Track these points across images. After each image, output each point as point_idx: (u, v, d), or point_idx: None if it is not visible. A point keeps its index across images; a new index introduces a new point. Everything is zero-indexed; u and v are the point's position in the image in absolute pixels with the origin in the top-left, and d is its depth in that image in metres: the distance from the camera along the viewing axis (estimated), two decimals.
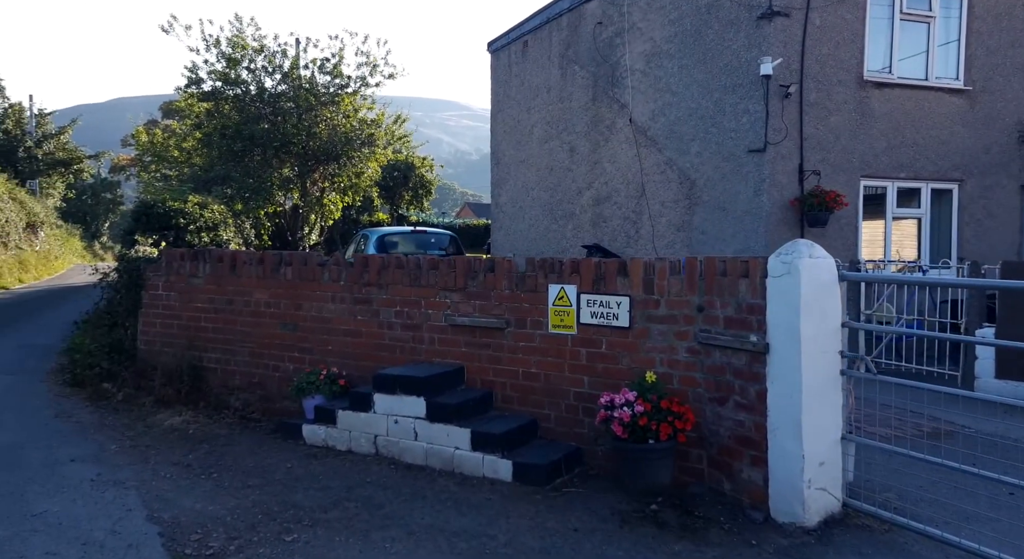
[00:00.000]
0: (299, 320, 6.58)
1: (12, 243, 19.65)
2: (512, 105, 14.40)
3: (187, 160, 18.71)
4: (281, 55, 16.99)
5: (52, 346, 10.01)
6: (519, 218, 14.30)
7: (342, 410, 5.60)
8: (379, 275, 6.06)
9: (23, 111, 28.41)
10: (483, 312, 5.47)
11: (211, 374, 7.13)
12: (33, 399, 7.09)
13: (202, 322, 7.24)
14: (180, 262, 7.43)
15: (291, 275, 6.62)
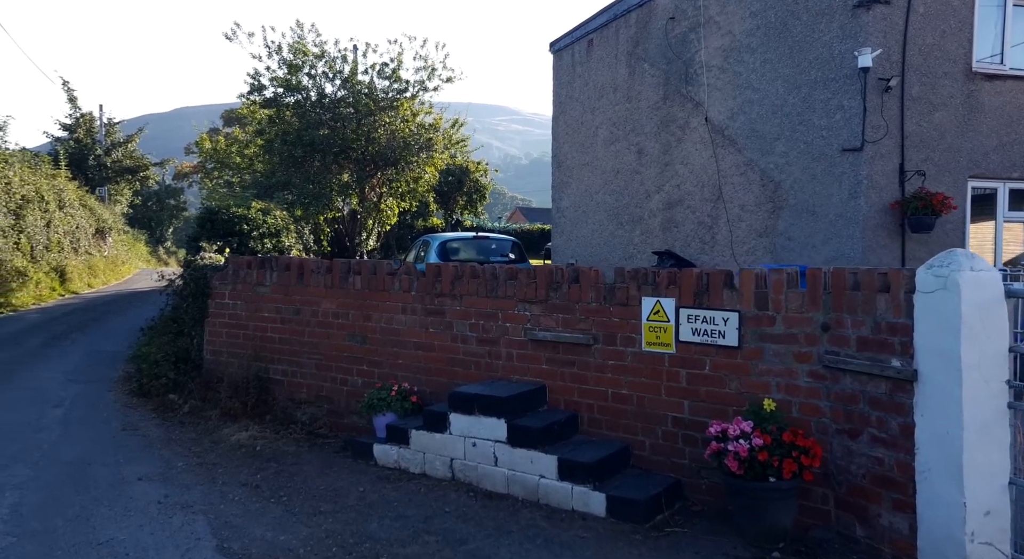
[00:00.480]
0: (368, 332, 6.29)
1: (82, 249, 20.25)
2: (575, 106, 13.96)
3: (249, 166, 18.93)
4: (341, 60, 17.00)
5: (119, 353, 10.06)
6: (581, 223, 13.84)
7: (415, 430, 5.26)
8: (452, 285, 5.72)
9: (93, 121, 29.45)
10: (567, 326, 5.05)
11: (277, 386, 6.92)
12: (101, 410, 7.01)
13: (268, 332, 7.04)
14: (247, 270, 7.26)
15: (360, 284, 6.35)
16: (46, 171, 19.06)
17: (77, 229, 19.94)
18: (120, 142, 30.30)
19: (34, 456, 5.47)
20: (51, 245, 17.70)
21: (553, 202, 15.06)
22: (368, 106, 16.73)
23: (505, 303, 5.41)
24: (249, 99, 17.49)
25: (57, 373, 8.52)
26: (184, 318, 8.34)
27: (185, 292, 7.99)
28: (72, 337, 11.20)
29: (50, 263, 17.34)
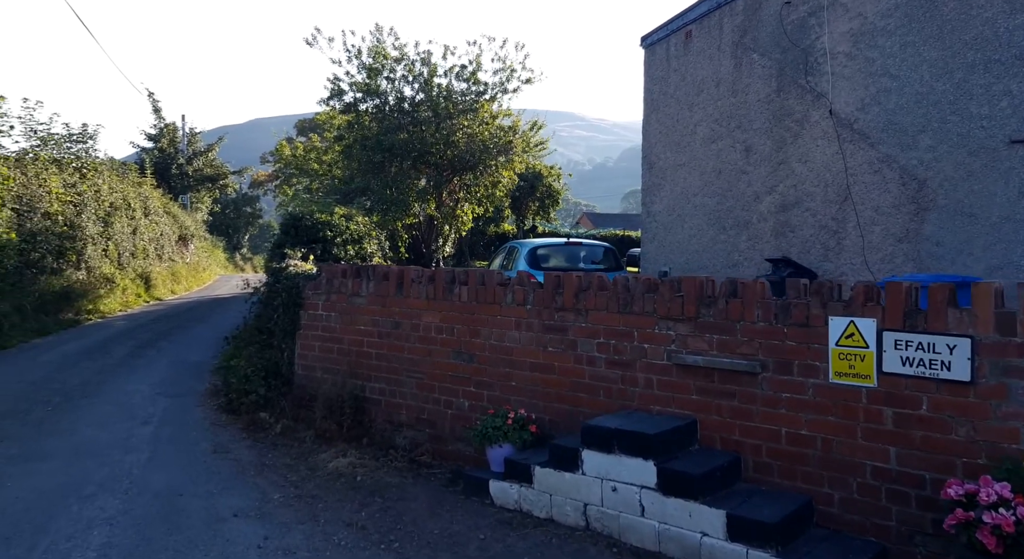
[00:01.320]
0: (476, 349, 5.65)
1: (166, 255, 20.61)
2: (670, 103, 13.09)
3: (327, 173, 18.83)
4: (420, 63, 16.65)
5: (204, 363, 9.80)
6: (676, 228, 12.93)
7: (539, 467, 4.56)
8: (576, 298, 5.01)
9: (176, 130, 30.31)
10: (724, 350, 4.26)
11: (374, 406, 6.37)
12: (190, 428, 6.62)
13: (364, 347, 6.51)
14: (341, 279, 6.76)
15: (466, 296, 5.72)
16: (133, 179, 19.47)
17: (161, 236, 20.30)
18: (201, 151, 31.09)
19: (123, 484, 5.05)
20: (137, 252, 17.99)
21: (643, 206, 14.19)
22: (447, 109, 16.31)
23: (642, 320, 4.66)
24: (328, 104, 17.36)
25: (144, 385, 8.26)
26: (274, 329, 7.94)
27: (275, 302, 7.57)
28: (158, 345, 11.08)
29: (136, 270, 17.61)
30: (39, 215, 13.13)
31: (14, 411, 6.89)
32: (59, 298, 13.03)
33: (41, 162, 13.93)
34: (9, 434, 6.16)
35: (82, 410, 7.06)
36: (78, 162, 15.46)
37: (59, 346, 10.69)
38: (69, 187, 14.62)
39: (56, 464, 5.42)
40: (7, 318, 11.00)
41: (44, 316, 12.26)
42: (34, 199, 13.05)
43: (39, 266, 12.87)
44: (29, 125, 13.88)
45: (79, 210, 14.76)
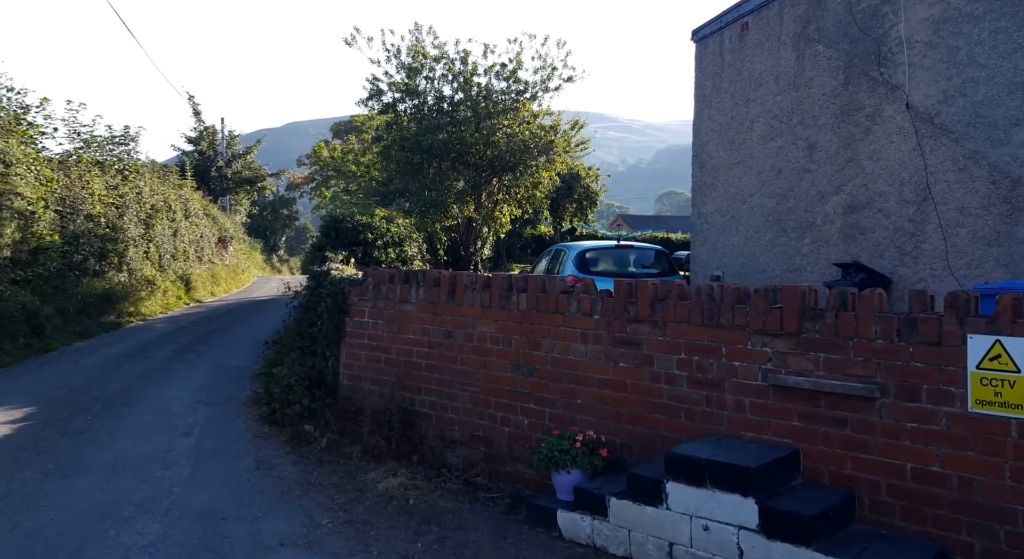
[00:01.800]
0: (536, 362, 5.20)
1: (206, 257, 20.61)
2: (723, 99, 12.48)
3: (365, 174, 18.60)
4: (460, 62, 16.29)
5: (245, 369, 9.53)
6: (730, 230, 12.31)
7: (615, 498, 4.08)
8: (652, 309, 4.52)
9: (215, 133, 30.52)
10: (833, 370, 3.73)
11: (424, 421, 5.96)
12: (232, 441, 6.29)
13: (414, 357, 6.10)
14: (389, 285, 6.36)
15: (525, 304, 5.27)
16: (173, 181, 19.49)
17: (201, 238, 20.30)
18: (240, 154, 31.29)
19: (163, 504, 4.71)
20: (177, 254, 17.97)
21: (693, 207, 13.58)
22: (487, 109, 15.92)
23: (731, 335, 4.15)
24: (367, 105, 17.11)
25: (184, 392, 7.99)
26: (316, 336, 7.60)
27: (319, 308, 7.21)
28: (198, 349, 10.87)
29: (176, 272, 17.58)
30: (82, 217, 13.08)
31: (55, 419, 6.66)
32: (101, 300, 12.96)
33: (84, 164, 13.90)
34: (48, 445, 5.90)
35: (122, 419, 6.80)
36: (120, 164, 15.44)
37: (101, 349, 10.55)
38: (111, 189, 14.59)
39: (94, 480, 5.11)
40: (50, 321, 10.91)
41: (86, 318, 12.17)
42: (77, 201, 13.00)
43: (81, 268, 12.81)
44: (72, 127, 13.89)
45: (121, 212, 14.71)
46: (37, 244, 11.30)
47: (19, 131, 11.46)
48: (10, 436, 6.11)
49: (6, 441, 5.96)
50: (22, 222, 10.94)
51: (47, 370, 8.97)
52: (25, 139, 11.67)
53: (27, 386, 8.05)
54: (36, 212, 11.31)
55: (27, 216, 11.05)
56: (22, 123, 11.65)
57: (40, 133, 12.33)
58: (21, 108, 11.75)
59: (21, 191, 10.97)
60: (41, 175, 11.88)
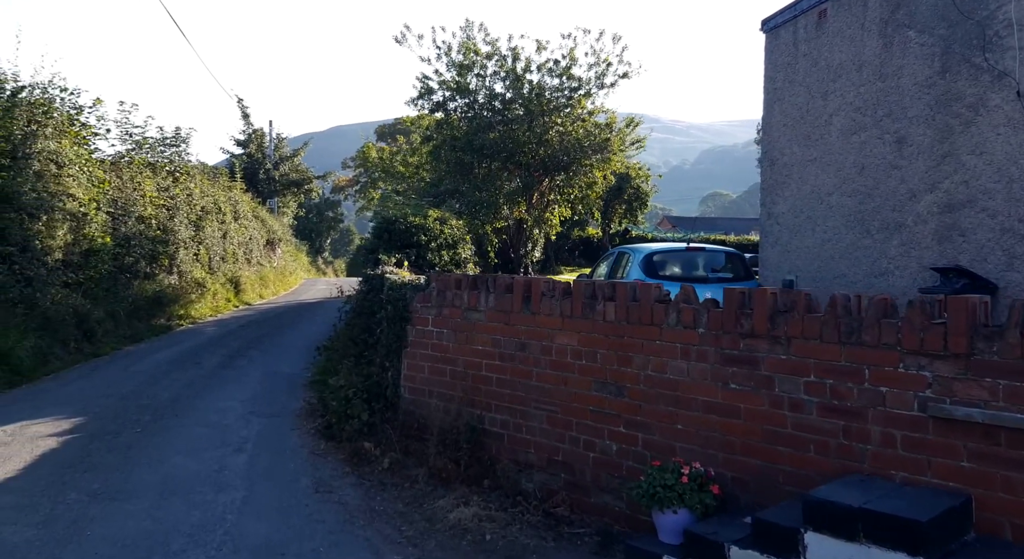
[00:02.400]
0: (626, 380, 4.59)
1: (254, 259, 20.53)
2: (797, 92, 11.66)
3: (414, 175, 18.23)
4: (512, 59, 15.78)
5: (297, 376, 9.14)
6: (805, 231, 11.48)
7: (736, 547, 3.44)
8: (772, 322, 3.87)
9: (264, 136, 30.67)
10: (1017, 401, 3.05)
11: (495, 442, 5.40)
12: (287, 458, 5.84)
13: (483, 371, 5.56)
14: (455, 291, 5.83)
15: (613, 314, 4.66)
16: (223, 183, 19.44)
17: (250, 240, 20.23)
18: (287, 156, 31.39)
19: (216, 535, 4.25)
20: (227, 256, 17.87)
21: (763, 207, 12.77)
22: (540, 106, 15.36)
23: (877, 355, 3.48)
24: (416, 105, 16.74)
25: (236, 402, 7.62)
26: (370, 341, 7.14)
27: (379, 314, 6.72)
28: (248, 355, 10.56)
29: (226, 274, 17.46)
30: (133, 219, 12.95)
31: (103, 432, 6.31)
32: (151, 303, 12.80)
33: (136, 165, 13.80)
34: (96, 462, 5.53)
35: (172, 432, 6.42)
36: (171, 166, 15.35)
37: (151, 354, 10.32)
38: (162, 190, 14.48)
39: (142, 504, 4.69)
40: (101, 324, 10.73)
41: (137, 322, 12.00)
42: (128, 203, 12.88)
43: (132, 271, 12.67)
44: (124, 128, 13.79)
45: (172, 214, 14.60)
46: (89, 246, 11.16)
47: (72, 132, 11.34)
48: (57, 451, 5.77)
49: (53, 457, 5.62)
50: (74, 224, 10.80)
51: (97, 376, 8.72)
52: (78, 140, 11.55)
53: (77, 394, 7.79)
54: (88, 214, 11.17)
55: (79, 218, 10.90)
56: (75, 124, 11.53)
57: (93, 134, 12.23)
58: (74, 109, 11.64)
59: (74, 192, 10.83)
60: (94, 176, 11.75)
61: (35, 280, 9.51)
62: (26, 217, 9.56)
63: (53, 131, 10.73)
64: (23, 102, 10.17)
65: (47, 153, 10.35)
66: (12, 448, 5.82)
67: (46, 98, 10.82)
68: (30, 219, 9.66)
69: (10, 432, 6.26)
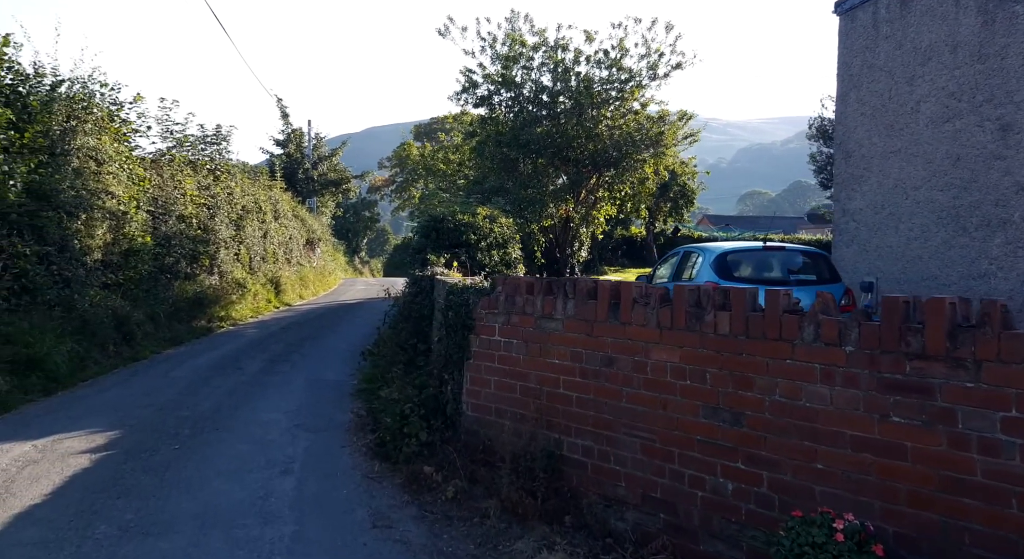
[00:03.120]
0: (745, 406, 3.80)
1: (294, 259, 20.12)
2: (878, 77, 10.66)
3: (456, 173, 17.58)
4: (560, 50, 15.00)
5: (343, 384, 8.52)
6: (887, 229, 10.49)
7: None
8: (953, 340, 3.05)
9: (302, 136, 30.41)
10: None
11: (576, 471, 4.66)
12: (339, 482, 5.17)
13: (561, 388, 4.82)
14: (527, 296, 5.10)
15: (727, 327, 3.88)
16: (263, 182, 19.06)
17: (290, 240, 19.82)
18: (325, 156, 31.10)
19: None
20: (267, 256, 17.45)
21: (836, 203, 11.79)
22: (590, 99, 14.56)
23: None
24: (459, 100, 16.08)
25: (280, 414, 7.01)
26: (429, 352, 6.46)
27: (447, 320, 6.00)
28: (291, 359, 9.99)
29: (266, 274, 17.05)
30: (173, 218, 12.53)
31: (139, 449, 5.74)
32: (192, 304, 12.36)
33: (176, 163, 13.40)
34: (130, 485, 4.94)
35: (212, 448, 5.82)
36: (212, 164, 14.95)
37: (191, 358, 9.82)
38: (203, 189, 14.08)
39: (179, 541, 4.06)
40: (141, 327, 10.28)
41: (177, 324, 11.56)
42: (169, 201, 12.46)
43: (173, 271, 12.24)
44: (165, 125, 13.39)
45: (212, 213, 14.18)
46: (129, 246, 10.72)
47: (112, 128, 10.93)
48: (89, 471, 5.20)
49: (84, 478, 5.05)
50: (114, 223, 10.36)
51: (136, 383, 8.21)
52: (118, 136, 11.14)
53: (114, 402, 7.26)
54: (128, 212, 10.74)
55: (119, 216, 10.47)
56: (115, 120, 11.11)
57: (133, 131, 11.82)
58: (114, 104, 11.23)
59: (113, 190, 10.40)
60: (134, 174, 11.33)
61: (73, 281, 9.07)
62: (64, 216, 9.12)
63: (93, 127, 10.31)
64: (62, 97, 9.75)
65: (86, 150, 9.93)
66: (42, 467, 5.28)
67: (86, 93, 10.41)
68: (69, 218, 9.22)
69: (41, 447, 5.73)
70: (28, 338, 7.63)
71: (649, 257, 27.23)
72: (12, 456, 5.50)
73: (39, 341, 7.71)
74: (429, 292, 8.70)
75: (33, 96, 9.03)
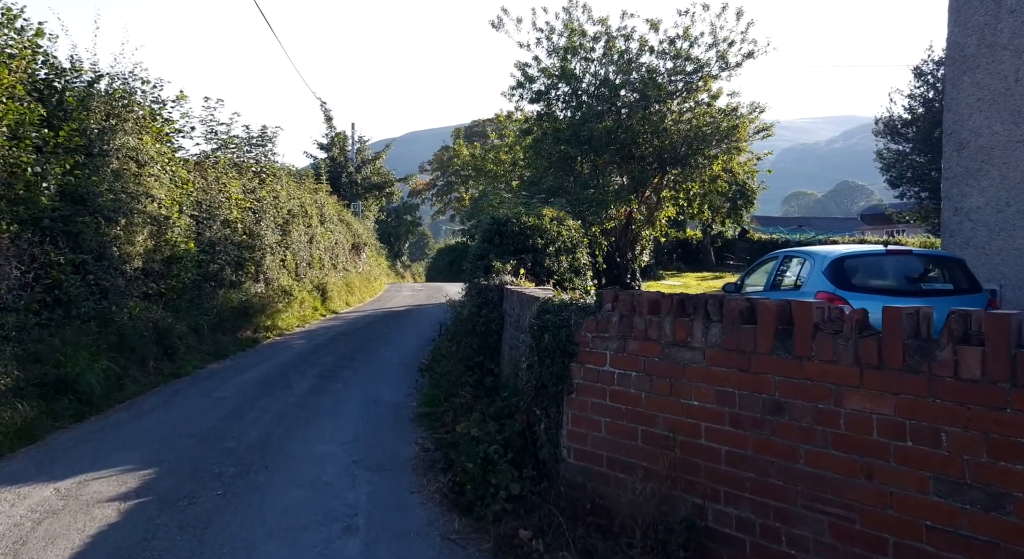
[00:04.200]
0: (1011, 484, 2.64)
1: (340, 265, 19.34)
2: (1000, 57, 9.25)
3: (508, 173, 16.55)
4: (623, 39, 13.84)
5: (401, 405, 7.52)
6: (1012, 230, 9.07)
7: None
8: None
9: (346, 139, 29.80)
10: None
11: (727, 548, 3.51)
12: (413, 544, 4.08)
13: (703, 438, 3.69)
14: (650, 317, 3.98)
15: (977, 369, 2.71)
16: (309, 185, 18.32)
17: (336, 245, 19.05)
18: (369, 159, 30.46)
19: None
20: (313, 262, 16.67)
21: (946, 201, 10.36)
22: (656, 91, 13.37)
23: None
24: (513, 96, 15.03)
25: (336, 446, 6.01)
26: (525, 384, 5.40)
27: (542, 343, 4.89)
28: (342, 375, 9.06)
29: (312, 281, 16.25)
30: (218, 223, 11.76)
31: (176, 496, 4.78)
32: (237, 314, 11.55)
33: (221, 166, 12.65)
34: (163, 550, 3.96)
35: (261, 495, 4.84)
36: (257, 166, 14.19)
37: (236, 375, 8.94)
38: (248, 193, 13.31)
39: None
40: (183, 340, 9.46)
41: (221, 335, 10.74)
42: (213, 205, 11.69)
43: (217, 279, 11.45)
44: (210, 126, 12.64)
45: (258, 217, 13.41)
46: (171, 253, 9.93)
47: (154, 128, 10.16)
48: (116, 528, 4.25)
49: (110, 539, 4.10)
50: (155, 228, 9.57)
51: (176, 405, 7.34)
52: (160, 137, 10.37)
53: (151, 430, 6.37)
54: (171, 217, 9.95)
55: (161, 221, 9.68)
56: (157, 119, 10.35)
57: (176, 131, 11.07)
58: (157, 103, 10.48)
59: (155, 193, 9.61)
60: (177, 176, 10.56)
61: (111, 292, 8.26)
62: (103, 221, 8.33)
63: (133, 126, 9.54)
64: (100, 93, 8.98)
65: (126, 150, 9.15)
66: (62, 520, 4.36)
67: (126, 90, 9.65)
68: (107, 223, 8.43)
69: (64, 492, 4.83)
70: (60, 357, 6.80)
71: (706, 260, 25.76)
72: (30, 504, 4.60)
73: (72, 360, 6.88)
74: (497, 304, 7.65)
75: (69, 92, 8.26)
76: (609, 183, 13.59)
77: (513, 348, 6.53)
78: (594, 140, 13.00)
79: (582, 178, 13.30)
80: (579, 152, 13.17)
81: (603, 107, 13.57)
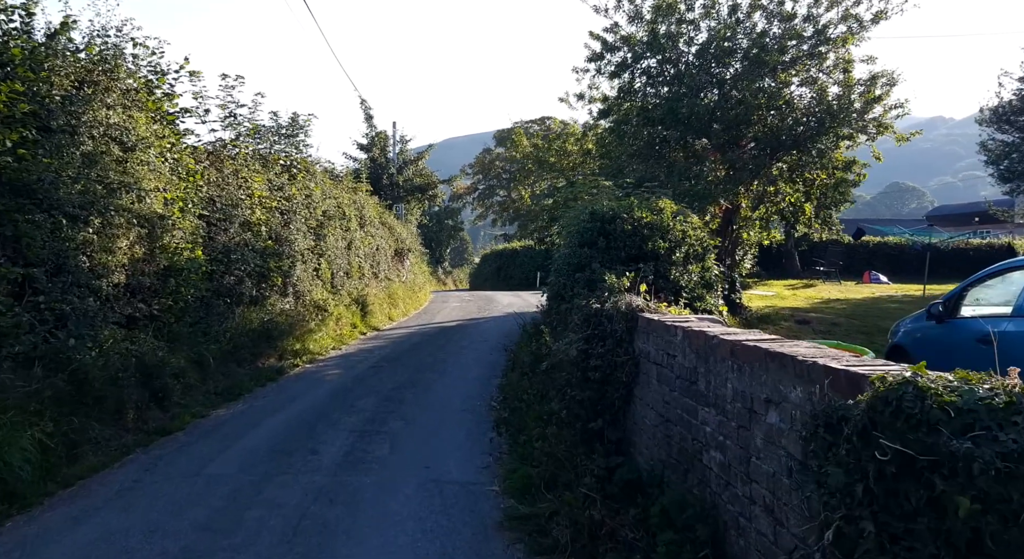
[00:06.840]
0: None
1: (382, 273, 16.87)
2: None
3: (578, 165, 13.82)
4: None
5: (477, 491, 4.83)
6: None
7: None
8: None
9: (386, 139, 27.52)
10: None
11: None
12: None
13: None
14: None
15: None
16: (347, 184, 15.88)
17: (377, 251, 16.58)
18: (411, 160, 28.10)
19: None
20: (352, 271, 14.18)
21: None
22: (774, 59, 10.52)
23: None
24: (586, 72, 12.33)
25: None
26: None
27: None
28: (388, 429, 6.45)
29: (351, 293, 13.75)
30: (236, 225, 9.30)
31: None
32: (257, 338, 9.07)
33: (242, 157, 10.22)
34: None
35: None
36: (287, 159, 11.75)
37: (245, 431, 6.39)
38: (275, 190, 10.86)
39: None
40: (180, 378, 6.98)
41: (235, 366, 8.26)
42: (230, 204, 9.24)
43: (233, 294, 8.98)
44: (228, 108, 10.21)
45: (287, 219, 10.95)
46: (169, 263, 7.48)
47: (150, 104, 7.74)
48: None
49: None
50: (146, 232, 7.12)
51: (144, 493, 4.80)
52: (160, 116, 7.95)
53: (86, 554, 3.82)
54: (170, 217, 7.50)
55: (155, 222, 7.23)
56: (154, 93, 7.93)
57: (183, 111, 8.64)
58: (155, 72, 8.06)
59: (147, 186, 7.16)
60: (181, 166, 8.12)
61: (72, 319, 5.79)
62: (64, 220, 5.88)
63: (120, 98, 7.11)
64: (68, 50, 6.56)
65: (106, 127, 6.72)
66: None
67: (109, 49, 7.22)
68: (71, 223, 5.98)
69: None
70: None
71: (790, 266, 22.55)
72: None
73: None
74: (623, 340, 4.93)
75: (14, 41, 5.84)
76: (710, 173, 10.79)
77: (669, 419, 3.83)
78: (695, 118, 10.22)
79: (678, 167, 10.53)
80: (678, 134, 10.41)
81: (702, 80, 10.76)
